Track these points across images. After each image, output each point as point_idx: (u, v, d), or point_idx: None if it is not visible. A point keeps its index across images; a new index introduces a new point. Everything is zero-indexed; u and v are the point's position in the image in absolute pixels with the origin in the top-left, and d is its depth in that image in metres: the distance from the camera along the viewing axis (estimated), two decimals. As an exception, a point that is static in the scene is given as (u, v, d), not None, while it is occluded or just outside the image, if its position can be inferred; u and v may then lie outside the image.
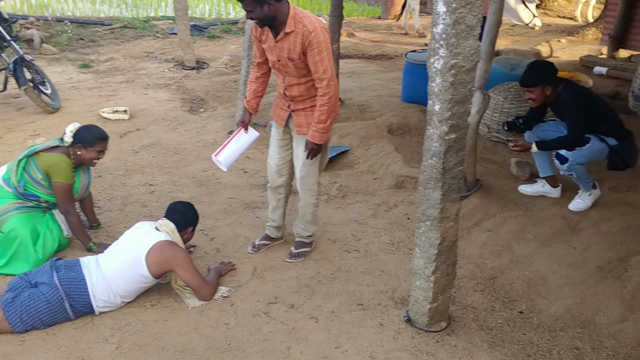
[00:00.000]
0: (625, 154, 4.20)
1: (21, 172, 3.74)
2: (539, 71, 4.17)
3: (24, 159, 3.75)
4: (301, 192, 3.84)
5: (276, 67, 3.56)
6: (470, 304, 3.47)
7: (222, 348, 3.04)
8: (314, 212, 3.92)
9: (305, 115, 3.60)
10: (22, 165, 3.74)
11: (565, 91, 4.14)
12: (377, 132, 6.04)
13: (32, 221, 3.76)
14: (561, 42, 11.13)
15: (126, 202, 4.69)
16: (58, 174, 3.75)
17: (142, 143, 6.05)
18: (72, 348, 3.01)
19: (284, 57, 3.41)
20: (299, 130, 3.64)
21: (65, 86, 7.87)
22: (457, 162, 2.80)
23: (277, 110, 3.76)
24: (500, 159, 5.40)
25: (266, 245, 4.09)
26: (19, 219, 3.73)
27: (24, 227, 3.69)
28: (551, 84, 4.15)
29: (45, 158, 3.76)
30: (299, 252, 3.97)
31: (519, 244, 3.99)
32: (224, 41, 11.26)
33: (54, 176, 3.75)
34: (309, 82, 3.50)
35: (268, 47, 3.49)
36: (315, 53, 3.31)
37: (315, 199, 3.87)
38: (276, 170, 3.87)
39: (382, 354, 3.01)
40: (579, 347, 3.10)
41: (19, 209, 3.77)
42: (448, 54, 2.56)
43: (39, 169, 3.74)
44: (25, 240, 3.67)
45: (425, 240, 2.97)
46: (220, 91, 7.87)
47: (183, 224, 3.49)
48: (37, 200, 3.81)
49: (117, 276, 3.25)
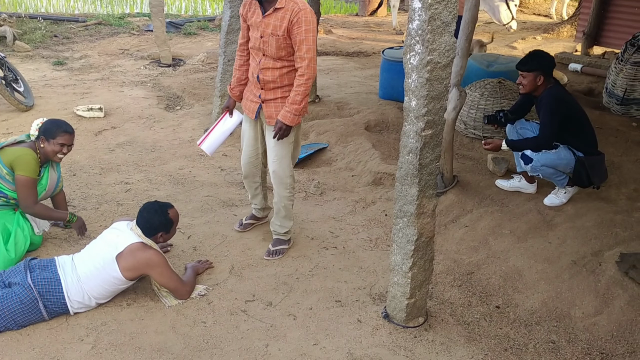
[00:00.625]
0: (590, 170, 4.22)
1: None
2: (538, 59, 4.21)
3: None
4: (275, 186, 3.83)
5: (256, 47, 3.56)
6: (447, 299, 3.49)
7: (199, 347, 3.02)
8: (288, 206, 3.90)
9: (276, 107, 3.62)
10: None
11: (551, 91, 4.18)
12: (354, 129, 6.04)
13: (1, 220, 3.68)
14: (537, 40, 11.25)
15: (101, 201, 4.62)
16: (21, 167, 3.63)
17: (117, 141, 5.97)
18: (46, 349, 2.96)
19: (267, 33, 3.43)
20: (269, 122, 3.66)
21: (39, 84, 7.74)
22: (433, 158, 2.81)
23: (247, 103, 3.78)
24: (476, 155, 5.44)
25: (252, 225, 4.24)
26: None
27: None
28: (545, 75, 4.19)
29: (10, 152, 3.66)
30: (276, 250, 3.95)
31: (496, 239, 4.02)
32: (200, 38, 11.18)
33: (17, 169, 3.63)
34: (284, 69, 3.53)
35: (254, 23, 3.51)
36: (302, 31, 3.36)
37: (289, 192, 3.86)
38: (249, 162, 3.94)
39: (360, 350, 3.01)
40: (554, 340, 3.13)
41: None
42: (424, 50, 2.57)
43: (3, 164, 3.63)
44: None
45: (403, 236, 2.98)
46: (196, 88, 7.80)
47: (149, 231, 3.31)
48: (5, 197, 3.71)
49: (91, 278, 3.19)
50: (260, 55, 3.55)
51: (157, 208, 3.36)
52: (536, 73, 4.17)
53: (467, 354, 3.01)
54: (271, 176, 3.81)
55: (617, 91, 6.56)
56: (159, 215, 3.33)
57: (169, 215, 3.38)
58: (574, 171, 4.26)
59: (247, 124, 3.85)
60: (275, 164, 3.73)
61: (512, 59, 6.91)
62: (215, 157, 5.65)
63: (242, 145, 3.95)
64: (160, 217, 3.33)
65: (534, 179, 4.56)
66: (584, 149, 4.25)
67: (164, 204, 3.42)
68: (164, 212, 3.37)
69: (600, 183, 4.36)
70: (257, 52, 3.57)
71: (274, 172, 3.76)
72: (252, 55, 3.64)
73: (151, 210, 3.34)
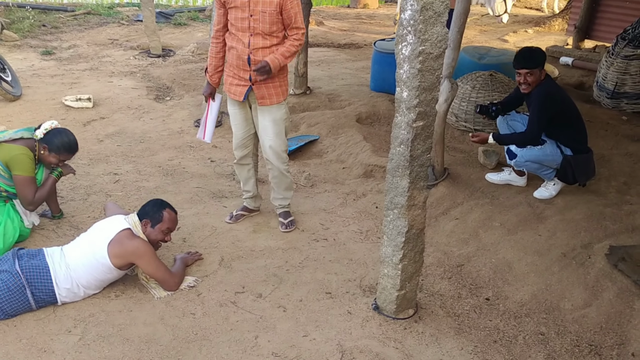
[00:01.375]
0: (576, 168, 4.23)
1: None
2: (540, 54, 4.19)
3: None
4: (273, 161, 3.93)
5: (243, 28, 3.58)
6: (437, 291, 3.49)
7: (188, 338, 3.00)
8: (287, 176, 4.05)
9: (267, 87, 3.74)
10: None
11: (542, 86, 4.16)
12: (346, 121, 6.02)
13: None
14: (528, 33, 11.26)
15: (90, 192, 4.58)
16: (18, 167, 3.63)
17: (106, 132, 5.92)
18: (33, 340, 2.93)
19: (257, 10, 3.53)
20: (261, 102, 3.76)
21: (27, 73, 7.65)
22: (424, 149, 2.80)
23: (232, 87, 3.81)
24: (467, 148, 5.43)
25: (243, 216, 4.27)
26: (-23, 207, 3.60)
27: (-18, 215, 3.58)
28: (541, 69, 4.19)
29: (7, 149, 3.63)
30: (290, 221, 4.19)
31: (486, 231, 4.02)
32: (190, 29, 11.09)
33: (14, 168, 3.62)
34: (272, 47, 3.64)
35: (239, 4, 3.54)
36: (295, 4, 3.57)
37: (287, 164, 4.01)
38: (242, 145, 4.00)
39: (350, 342, 3.00)
40: (543, 332, 3.14)
41: (-22, 197, 3.65)
42: (416, 40, 2.54)
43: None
44: (-17, 229, 3.55)
45: (393, 228, 2.97)
46: (186, 79, 7.75)
47: (141, 215, 3.36)
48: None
49: (80, 266, 3.17)
50: (248, 35, 3.59)
51: (161, 201, 3.46)
52: (539, 69, 4.17)
53: (457, 345, 3.01)
54: (267, 153, 3.90)
55: (607, 85, 6.57)
56: (155, 205, 3.41)
57: (162, 210, 3.39)
58: (559, 168, 4.27)
59: (235, 107, 3.88)
60: (271, 140, 3.84)
61: (503, 52, 6.92)
62: (205, 148, 5.61)
63: (233, 128, 3.97)
64: (155, 206, 3.39)
65: (523, 172, 4.57)
66: (572, 146, 4.25)
67: (166, 203, 3.46)
68: (162, 205, 3.42)
69: (585, 181, 4.37)
70: (244, 34, 3.61)
71: (270, 148, 3.87)
72: (236, 38, 3.65)
73: (154, 199, 3.48)
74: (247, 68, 3.66)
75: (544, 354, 2.98)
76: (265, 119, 3.81)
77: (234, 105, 3.89)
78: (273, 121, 3.81)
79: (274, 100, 3.78)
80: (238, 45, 3.64)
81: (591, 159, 4.32)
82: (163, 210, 3.39)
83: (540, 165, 4.28)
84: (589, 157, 4.30)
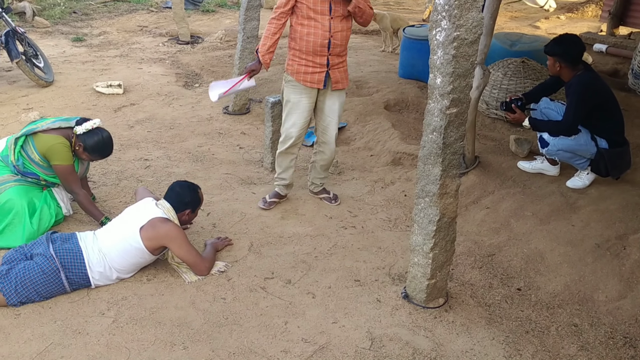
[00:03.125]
0: (610, 162, 4.13)
1: (19, 151, 3.67)
2: (559, 44, 4.10)
3: (22, 138, 3.68)
4: (331, 143, 4.11)
5: (324, 10, 3.67)
6: (468, 280, 3.46)
7: (219, 322, 3.03)
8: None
9: (339, 71, 3.92)
10: (19, 144, 3.67)
11: (580, 78, 4.06)
12: (373, 109, 5.98)
13: (29, 194, 3.71)
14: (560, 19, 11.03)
15: (121, 177, 4.64)
16: (57, 157, 3.67)
17: (136, 118, 5.97)
18: (68, 321, 2.99)
19: None
20: (335, 87, 3.91)
21: (59, 60, 7.75)
22: (458, 137, 2.76)
23: (308, 75, 3.85)
24: (498, 136, 5.36)
25: (275, 203, 4.30)
26: (16, 190, 3.67)
27: (21, 199, 3.64)
28: (567, 61, 4.07)
29: (44, 140, 3.67)
30: (334, 194, 4.41)
31: (517, 221, 3.97)
32: (218, 15, 11.11)
33: (53, 159, 3.67)
34: (348, 32, 3.82)
35: None
36: None
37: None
38: (300, 134, 4.04)
39: (380, 330, 3.00)
40: (577, 323, 3.09)
41: (17, 181, 3.71)
42: (450, 25, 2.50)
43: (37, 150, 3.66)
44: (21, 211, 3.62)
45: (424, 216, 2.95)
46: (215, 66, 7.77)
47: (179, 205, 3.42)
48: (36, 178, 3.75)
49: (112, 249, 3.22)
50: (328, 19, 3.68)
51: (189, 185, 3.51)
52: (555, 58, 4.08)
53: (488, 335, 2.99)
54: (330, 136, 4.08)
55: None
56: (191, 192, 3.48)
57: (198, 194, 3.52)
58: (593, 160, 4.18)
59: (304, 95, 3.92)
60: (335, 124, 4.05)
61: (535, 39, 6.78)
62: (234, 135, 5.63)
63: (293, 116, 3.98)
64: (192, 193, 3.48)
65: (556, 160, 4.49)
66: (608, 137, 4.15)
67: (194, 184, 3.55)
68: (195, 190, 3.51)
69: (619, 175, 4.26)
70: (324, 17, 3.67)
71: (333, 131, 4.06)
72: (313, 23, 3.70)
73: (184, 186, 3.48)
74: (326, 53, 3.75)
75: (577, 345, 2.94)
76: (335, 103, 3.97)
77: (302, 94, 3.90)
78: (340, 104, 4.02)
79: (345, 83, 3.95)
80: (317, 30, 3.70)
81: (627, 152, 4.21)
82: (198, 191, 3.51)
83: (574, 155, 4.20)
84: (625, 151, 4.20)
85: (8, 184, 3.68)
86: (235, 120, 6.00)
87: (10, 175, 3.71)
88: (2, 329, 2.92)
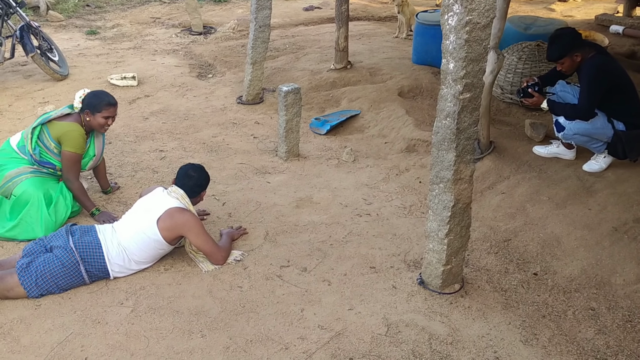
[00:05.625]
0: (628, 144, 4.07)
1: (36, 140, 3.73)
2: (562, 43, 4.04)
3: (38, 127, 3.74)
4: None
5: None
6: (483, 266, 3.45)
7: (236, 310, 3.06)
8: None
9: None
10: (36, 134, 3.73)
11: (592, 61, 4.00)
12: (387, 95, 5.95)
13: (45, 185, 3.76)
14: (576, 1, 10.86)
15: (137, 168, 4.68)
16: (69, 143, 3.74)
17: (151, 109, 6.01)
18: (87, 312, 3.04)
19: None
20: None
21: (73, 53, 7.81)
22: (471, 122, 2.75)
23: None
24: (513, 121, 5.32)
25: None
26: (32, 182, 3.73)
27: (37, 190, 3.70)
28: (579, 50, 4.02)
29: (58, 127, 3.75)
30: None
31: (533, 206, 3.95)
32: (230, 5, 11.10)
33: (65, 144, 3.74)
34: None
35: None
36: None
37: None
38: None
39: (396, 316, 3.01)
40: (594, 307, 3.08)
41: (33, 173, 3.77)
42: (462, 10, 2.48)
43: (51, 138, 3.73)
44: (37, 202, 3.67)
45: (439, 202, 2.94)
46: (228, 56, 7.78)
47: (196, 189, 3.46)
48: (52, 167, 3.81)
49: (132, 242, 3.26)
50: None
51: (200, 168, 3.54)
52: (569, 56, 4.03)
53: (505, 320, 2.99)
54: None
55: (661, 53, 6.30)
56: (205, 173, 3.53)
57: (207, 173, 3.57)
58: (610, 143, 4.13)
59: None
60: None
61: (550, 21, 6.70)
62: (248, 125, 5.65)
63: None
64: (205, 175, 3.53)
65: (572, 144, 4.44)
66: (625, 120, 4.09)
67: (199, 164, 3.58)
68: (204, 170, 3.55)
69: (636, 157, 4.20)
70: None
71: None
72: None
73: (197, 169, 3.51)
74: None
75: (595, 329, 2.93)
76: None
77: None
78: None
79: None
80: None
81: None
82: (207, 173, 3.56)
83: (590, 139, 4.15)
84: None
85: (23, 176, 3.73)
86: (249, 110, 6.01)
87: (27, 167, 3.77)
88: (23, 319, 2.97)
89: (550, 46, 4.10)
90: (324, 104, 6.13)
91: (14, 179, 3.72)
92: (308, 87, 6.38)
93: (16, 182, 3.71)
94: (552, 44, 4.09)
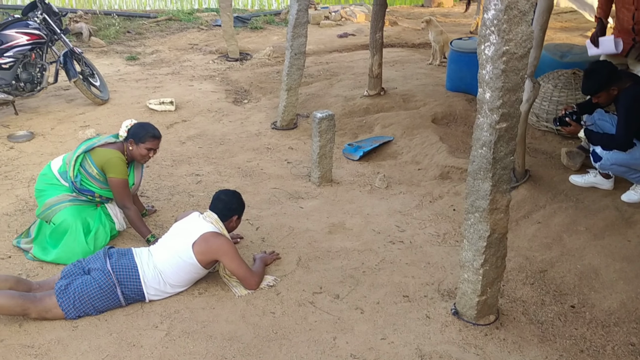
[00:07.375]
0: None
1: (78, 167, 3.83)
2: (598, 77, 4.01)
3: (82, 155, 3.84)
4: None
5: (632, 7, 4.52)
6: (519, 297, 3.39)
7: (268, 337, 3.06)
8: None
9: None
10: (79, 161, 3.83)
11: (628, 91, 3.97)
12: (421, 122, 5.96)
13: (83, 214, 3.85)
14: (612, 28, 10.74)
15: (173, 192, 4.76)
16: (112, 169, 3.82)
17: (188, 134, 6.12)
18: (123, 334, 3.08)
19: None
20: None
21: (113, 78, 8.03)
22: (508, 152, 2.73)
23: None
24: (549, 149, 5.26)
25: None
26: (71, 211, 3.82)
27: (75, 219, 3.79)
28: (615, 84, 3.99)
29: (101, 154, 3.84)
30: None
31: (570, 236, 3.88)
32: (266, 32, 11.29)
33: (109, 171, 3.82)
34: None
35: None
36: None
37: None
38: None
39: (429, 347, 2.97)
40: (634, 343, 2.99)
41: (72, 201, 3.86)
42: (499, 40, 2.49)
43: (94, 164, 3.83)
44: (76, 231, 3.76)
45: (474, 232, 2.92)
46: (263, 82, 7.90)
47: (226, 213, 3.50)
48: (91, 195, 3.90)
49: (168, 265, 3.31)
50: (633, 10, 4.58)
51: (233, 193, 3.61)
52: (606, 90, 3.99)
53: (541, 354, 2.92)
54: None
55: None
56: (237, 198, 3.59)
57: (242, 199, 3.63)
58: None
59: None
60: None
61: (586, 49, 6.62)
62: (282, 150, 5.71)
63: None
64: (237, 199, 3.58)
65: (610, 174, 4.37)
66: None
67: (236, 190, 3.66)
68: (239, 195, 3.62)
69: None
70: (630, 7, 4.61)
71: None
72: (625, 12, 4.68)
73: (229, 194, 3.59)
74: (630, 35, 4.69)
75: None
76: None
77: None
78: None
79: None
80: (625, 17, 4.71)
81: None
82: (241, 197, 3.62)
83: (628, 169, 4.08)
84: None
85: (62, 204, 3.83)
86: (283, 136, 6.08)
87: (66, 195, 3.86)
88: (60, 340, 3.03)
89: (586, 80, 4.07)
90: (357, 129, 6.17)
91: (53, 206, 3.82)
92: (341, 113, 6.43)
93: (55, 210, 3.81)
94: (588, 79, 4.06)
